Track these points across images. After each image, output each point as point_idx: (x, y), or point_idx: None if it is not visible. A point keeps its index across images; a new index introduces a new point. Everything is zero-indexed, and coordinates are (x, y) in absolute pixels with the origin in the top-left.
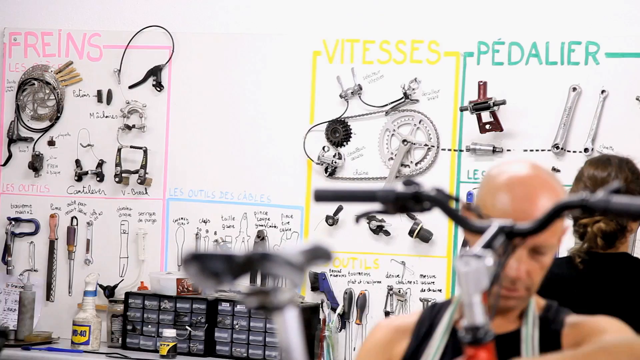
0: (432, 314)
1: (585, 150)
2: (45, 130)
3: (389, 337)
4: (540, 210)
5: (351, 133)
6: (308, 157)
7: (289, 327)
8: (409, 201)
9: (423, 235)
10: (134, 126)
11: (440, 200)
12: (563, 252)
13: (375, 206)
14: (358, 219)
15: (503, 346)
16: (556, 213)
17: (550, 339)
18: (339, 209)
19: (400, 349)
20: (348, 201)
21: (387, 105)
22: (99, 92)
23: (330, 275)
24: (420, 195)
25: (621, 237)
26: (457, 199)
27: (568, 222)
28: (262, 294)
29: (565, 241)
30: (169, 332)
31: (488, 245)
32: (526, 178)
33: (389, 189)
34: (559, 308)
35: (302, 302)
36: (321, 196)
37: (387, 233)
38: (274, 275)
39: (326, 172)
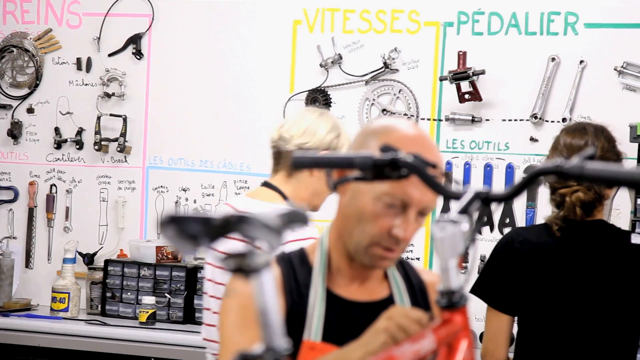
0: (291, 268)
1: (564, 120)
2: (24, 97)
3: None
4: (438, 160)
5: (331, 102)
6: None
7: (265, 289)
8: (387, 168)
9: None
10: (113, 94)
11: (418, 167)
12: (540, 220)
13: (354, 173)
14: (335, 186)
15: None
16: (531, 179)
17: (418, 295)
18: None
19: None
20: (326, 167)
21: (367, 74)
22: (79, 60)
23: None
24: (398, 161)
25: (598, 206)
26: (434, 166)
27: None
28: (239, 257)
29: (542, 209)
30: (148, 300)
31: (464, 211)
32: (423, 134)
33: (366, 155)
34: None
35: None
36: (299, 162)
37: None
38: (251, 238)
39: None
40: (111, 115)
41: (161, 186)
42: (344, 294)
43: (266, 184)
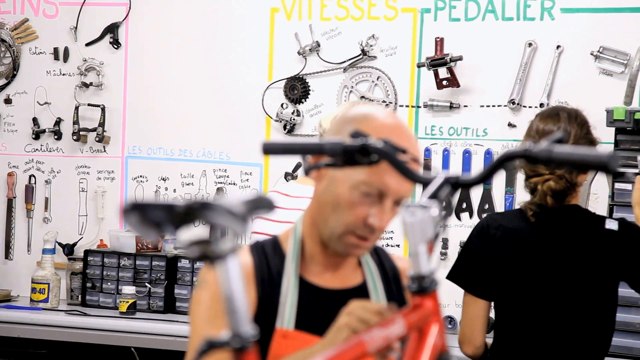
0: (264, 256)
1: (541, 105)
2: (1, 88)
3: None
4: (417, 151)
5: (309, 90)
6: (267, 114)
7: (231, 276)
8: (357, 153)
9: None
10: (91, 84)
11: (388, 152)
12: (515, 205)
13: (324, 159)
14: (307, 171)
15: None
16: (500, 164)
17: (391, 281)
18: (298, 166)
19: (250, 297)
20: (296, 154)
21: (345, 62)
22: (56, 50)
23: None
24: (368, 147)
25: (572, 193)
26: (404, 151)
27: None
28: (204, 244)
29: (521, 194)
30: (129, 289)
31: (434, 196)
32: (400, 122)
33: (336, 141)
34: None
35: None
36: (269, 149)
37: None
38: (215, 225)
39: (285, 129)
40: (89, 105)
41: (140, 176)
42: (317, 281)
43: None
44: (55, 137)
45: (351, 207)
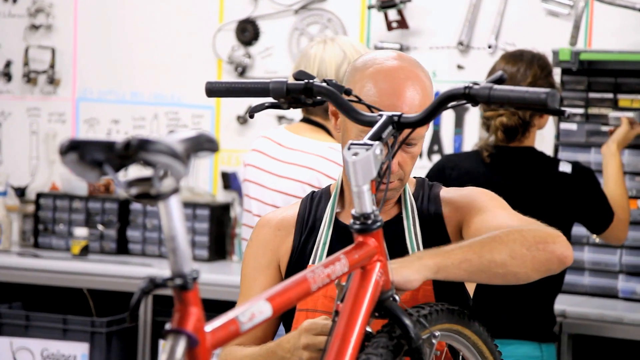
0: (312, 205)
1: (489, 46)
2: None
3: (273, 236)
4: (407, 102)
5: (260, 32)
6: (218, 56)
7: (173, 215)
8: (301, 94)
9: None
10: (41, 25)
11: (332, 92)
12: (467, 146)
13: (269, 99)
14: (251, 113)
15: (386, 234)
16: (442, 103)
17: (433, 222)
18: (250, 109)
19: (286, 246)
20: (240, 95)
21: (296, 3)
22: None
23: None
24: (312, 87)
25: (525, 132)
26: (348, 91)
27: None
28: (144, 182)
29: (470, 135)
30: (81, 232)
31: (377, 136)
32: (391, 70)
33: (280, 81)
34: (431, 184)
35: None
36: (212, 90)
37: None
38: (155, 163)
39: (236, 71)
40: (39, 47)
41: (92, 118)
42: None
43: (307, 120)
44: (6, 78)
45: None
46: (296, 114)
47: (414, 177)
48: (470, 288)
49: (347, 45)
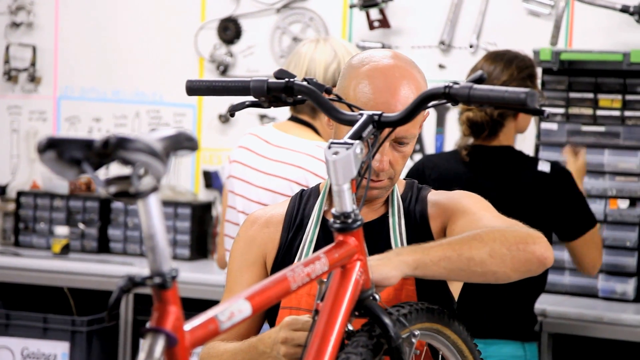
0: (301, 203)
1: (471, 46)
2: None
3: (260, 232)
4: (401, 101)
5: (242, 31)
6: (200, 54)
7: (152, 214)
8: (282, 92)
9: None
10: (22, 23)
11: (312, 91)
12: (449, 146)
13: (250, 98)
14: (232, 112)
15: (371, 233)
16: (421, 103)
17: (418, 222)
18: (231, 107)
19: (273, 243)
20: (221, 94)
21: (278, 2)
22: None
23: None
24: (292, 86)
25: (494, 130)
26: (329, 90)
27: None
28: (123, 181)
29: (451, 135)
30: (62, 230)
31: (357, 135)
32: (386, 69)
33: (261, 79)
34: (420, 186)
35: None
36: (193, 88)
37: None
38: (133, 162)
39: (218, 70)
40: (20, 45)
41: (73, 117)
42: None
43: (295, 119)
44: None
45: None
46: (278, 112)
47: (404, 179)
48: (456, 290)
49: (339, 46)
